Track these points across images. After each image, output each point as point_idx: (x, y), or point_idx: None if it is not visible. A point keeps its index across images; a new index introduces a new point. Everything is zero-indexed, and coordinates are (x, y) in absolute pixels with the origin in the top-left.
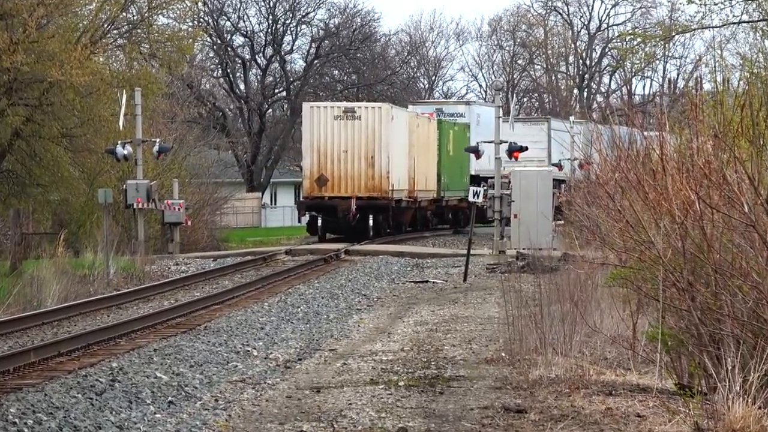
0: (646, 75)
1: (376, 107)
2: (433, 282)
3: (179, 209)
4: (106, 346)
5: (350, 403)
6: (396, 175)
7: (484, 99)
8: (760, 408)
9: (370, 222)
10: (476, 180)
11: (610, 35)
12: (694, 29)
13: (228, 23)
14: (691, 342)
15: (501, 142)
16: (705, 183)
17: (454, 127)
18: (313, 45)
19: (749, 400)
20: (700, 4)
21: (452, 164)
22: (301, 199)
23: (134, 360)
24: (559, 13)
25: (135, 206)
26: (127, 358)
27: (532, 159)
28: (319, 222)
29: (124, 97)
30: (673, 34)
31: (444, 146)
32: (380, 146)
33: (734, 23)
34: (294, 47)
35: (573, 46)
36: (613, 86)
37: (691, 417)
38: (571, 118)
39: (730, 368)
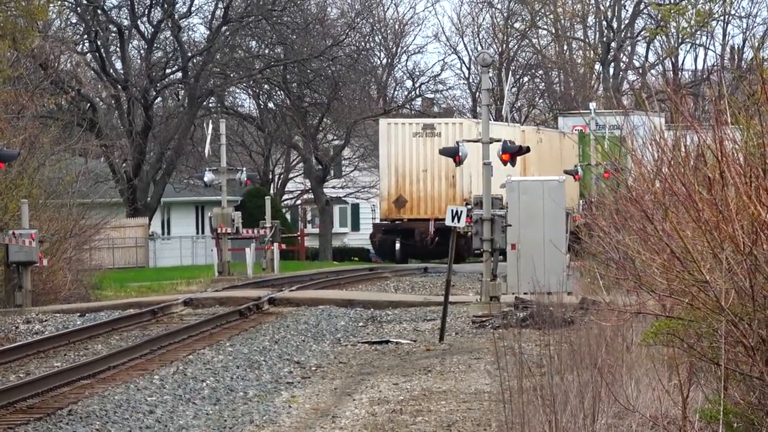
0: (698, 43)
1: (457, 123)
2: (397, 343)
3: (30, 243)
4: None
5: None
6: None
7: (467, 80)
8: None
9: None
10: None
11: None
12: None
13: None
14: (767, 423)
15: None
16: None
17: (602, 142)
18: (221, 5)
19: None
20: None
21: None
22: (378, 221)
23: None
24: None
25: None
26: None
27: None
28: (397, 245)
29: None
30: None
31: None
32: (462, 165)
33: None
34: (193, 8)
35: (594, 1)
36: (651, 59)
37: None
38: (592, 105)
39: None
